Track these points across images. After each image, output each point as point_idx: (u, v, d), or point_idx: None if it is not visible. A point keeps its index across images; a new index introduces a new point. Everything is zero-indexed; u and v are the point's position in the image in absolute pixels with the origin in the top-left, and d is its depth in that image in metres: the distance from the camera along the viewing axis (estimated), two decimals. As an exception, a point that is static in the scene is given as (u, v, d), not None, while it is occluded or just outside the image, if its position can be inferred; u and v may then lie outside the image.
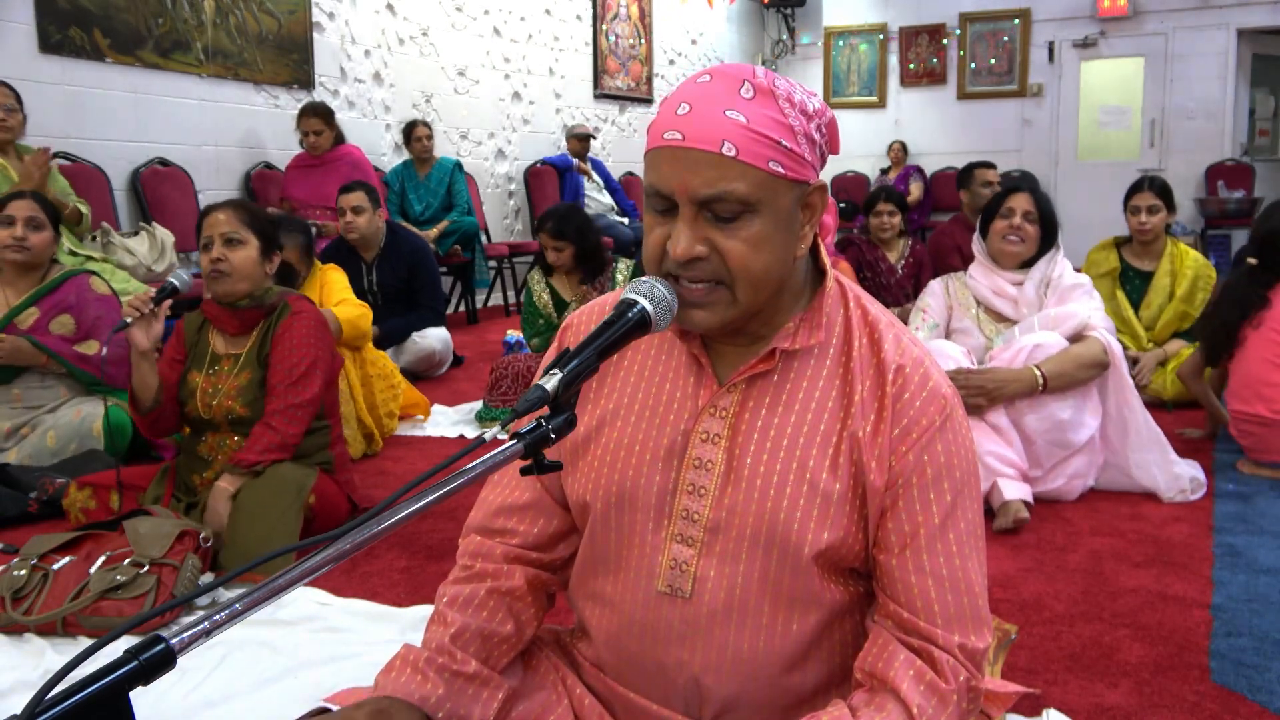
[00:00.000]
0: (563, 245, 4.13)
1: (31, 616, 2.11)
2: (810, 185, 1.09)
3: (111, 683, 0.74)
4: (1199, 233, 9.41)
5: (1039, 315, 3.06)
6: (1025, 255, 3.12)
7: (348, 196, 4.67)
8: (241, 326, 2.69)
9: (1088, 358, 2.91)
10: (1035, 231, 3.10)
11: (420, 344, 4.90)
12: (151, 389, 2.60)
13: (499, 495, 1.30)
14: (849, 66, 11.07)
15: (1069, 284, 3.09)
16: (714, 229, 1.06)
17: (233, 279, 2.61)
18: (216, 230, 2.61)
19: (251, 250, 2.63)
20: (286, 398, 2.60)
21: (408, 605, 2.27)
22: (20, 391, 3.27)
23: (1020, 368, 2.89)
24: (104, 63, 4.98)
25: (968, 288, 3.26)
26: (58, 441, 3.16)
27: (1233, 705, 1.80)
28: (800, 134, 1.06)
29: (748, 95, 1.05)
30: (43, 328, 3.26)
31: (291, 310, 2.71)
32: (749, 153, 1.03)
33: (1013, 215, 3.11)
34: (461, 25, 7.45)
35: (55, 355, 3.22)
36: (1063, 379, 2.88)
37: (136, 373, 2.58)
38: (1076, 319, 3.00)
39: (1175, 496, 2.97)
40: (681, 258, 1.06)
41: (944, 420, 1.12)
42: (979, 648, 1.10)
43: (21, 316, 3.26)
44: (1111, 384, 2.96)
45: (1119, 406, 2.97)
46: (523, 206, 8.10)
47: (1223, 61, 9.59)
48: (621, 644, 1.21)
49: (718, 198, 1.04)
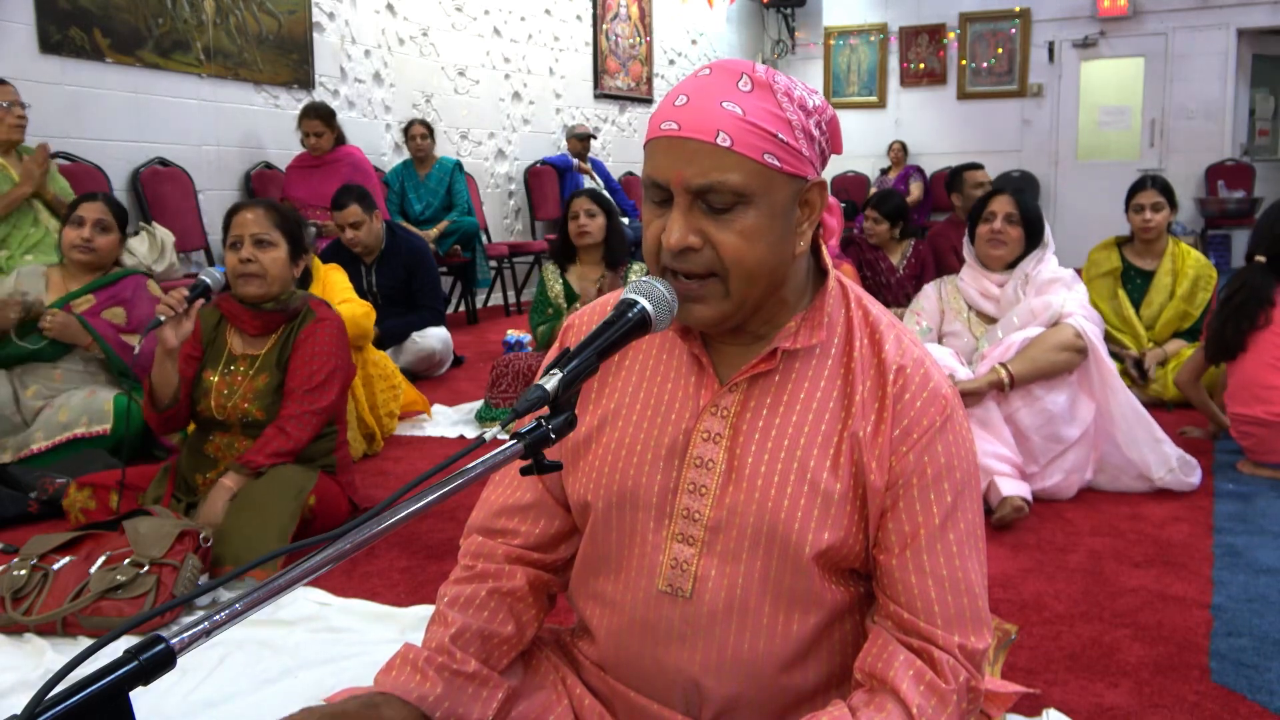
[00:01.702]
0: (596, 211, 4.19)
1: (31, 616, 2.11)
2: (808, 181, 1.09)
3: (111, 683, 0.74)
4: (1199, 233, 9.41)
5: (1016, 310, 3.10)
6: (1009, 257, 3.16)
7: (343, 213, 4.63)
8: (262, 328, 2.67)
9: (1056, 342, 2.92)
10: (1017, 233, 3.14)
11: (420, 344, 4.90)
12: (171, 386, 2.60)
13: (500, 496, 1.30)
14: (849, 66, 11.08)
15: (1046, 278, 3.12)
16: (708, 220, 1.06)
17: (264, 280, 2.60)
18: (246, 230, 2.60)
19: (281, 252, 2.62)
20: (303, 404, 2.60)
21: (408, 605, 2.27)
22: (62, 373, 3.32)
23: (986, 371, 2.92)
24: (104, 63, 4.98)
25: (959, 291, 3.28)
26: (69, 415, 3.19)
27: (1233, 705, 1.80)
28: (798, 129, 1.06)
29: (745, 88, 1.05)
30: (95, 314, 3.34)
31: (316, 316, 2.69)
32: (744, 144, 1.03)
33: (994, 219, 3.15)
34: (461, 25, 7.46)
35: (98, 337, 3.27)
36: (1036, 366, 2.90)
37: (159, 370, 2.57)
38: (1051, 309, 3.03)
39: (1166, 476, 2.98)
40: (674, 247, 1.06)
41: (944, 421, 1.12)
42: (979, 648, 1.10)
43: (78, 301, 3.34)
44: (1093, 370, 2.98)
45: (1102, 390, 2.99)
46: (523, 206, 8.10)
47: (1223, 61, 9.59)
48: (622, 643, 1.21)
49: (711, 188, 1.04)
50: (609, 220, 4.21)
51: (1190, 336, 4.22)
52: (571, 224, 4.19)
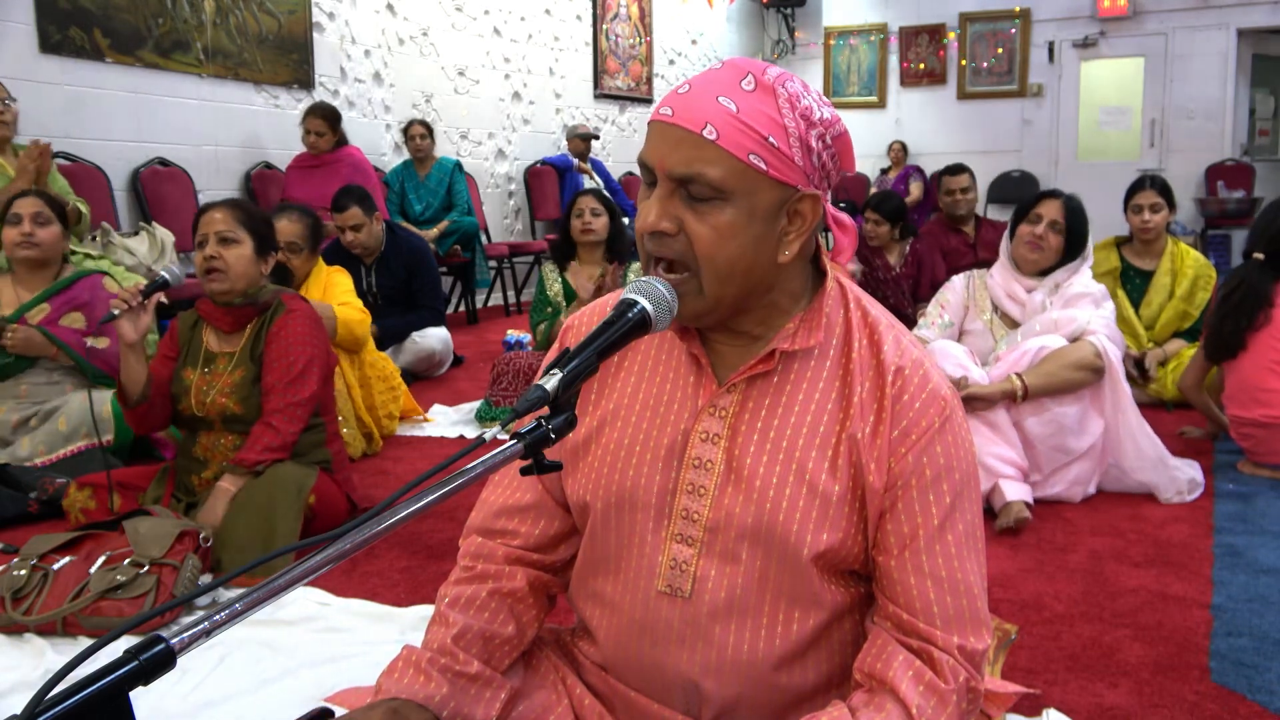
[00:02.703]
0: (601, 211, 4.21)
1: (31, 616, 2.11)
2: (799, 192, 1.07)
3: (111, 683, 0.74)
4: (1199, 233, 9.40)
5: (1040, 318, 3.05)
6: (1043, 264, 3.09)
7: (343, 216, 4.62)
8: (235, 324, 2.69)
9: (1075, 359, 2.88)
10: (1058, 242, 3.06)
11: (420, 344, 4.90)
12: (139, 383, 2.60)
13: (500, 496, 1.30)
14: (849, 66, 11.07)
15: (1076, 292, 3.06)
16: (687, 209, 1.06)
17: (227, 277, 2.61)
18: (211, 229, 2.62)
19: (245, 249, 2.64)
20: (285, 396, 2.60)
21: (408, 605, 2.27)
22: (27, 387, 3.28)
23: (1001, 378, 2.89)
24: (104, 63, 4.98)
25: (987, 288, 3.23)
26: (69, 424, 3.17)
27: (1233, 705, 1.80)
28: (794, 136, 1.05)
29: (748, 87, 1.05)
30: (53, 323, 3.28)
31: (286, 309, 2.71)
32: (729, 140, 1.03)
33: (1039, 222, 3.06)
34: (461, 25, 7.45)
35: (65, 347, 3.23)
36: (1051, 381, 2.86)
37: (124, 365, 2.58)
38: (1075, 323, 2.98)
39: (1173, 498, 2.96)
40: (647, 229, 1.07)
41: (943, 422, 1.12)
42: (978, 649, 1.10)
43: (32, 312, 3.28)
44: (1107, 392, 2.93)
45: (1113, 412, 2.94)
46: (523, 206, 8.10)
47: (1223, 61, 9.59)
48: (622, 643, 1.21)
49: (691, 178, 1.04)
50: (612, 220, 4.22)
51: (1190, 336, 4.22)
52: (576, 221, 4.20)
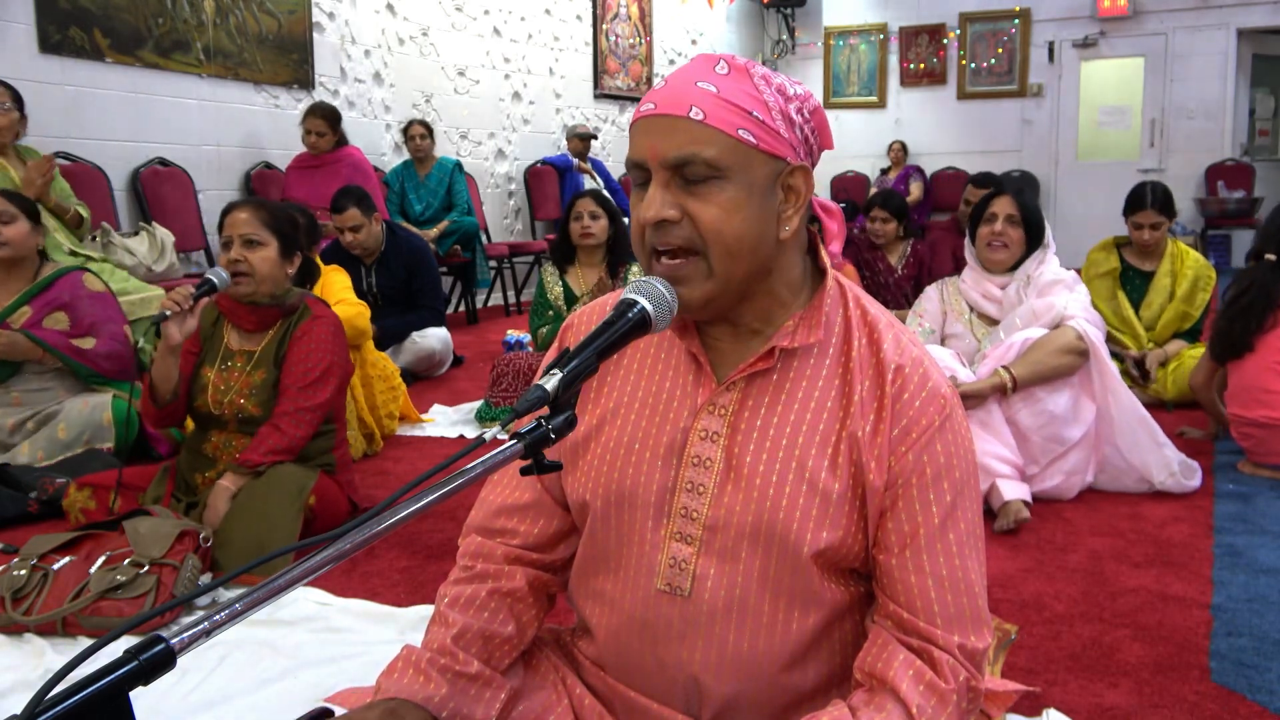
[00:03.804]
0: (599, 213, 4.17)
1: (31, 616, 2.11)
2: (789, 164, 1.10)
3: (111, 683, 0.74)
4: (1199, 233, 9.41)
5: (1019, 311, 3.09)
6: (1010, 260, 3.15)
7: (342, 217, 4.63)
8: (258, 324, 2.68)
9: (1059, 344, 2.91)
10: (1018, 235, 3.12)
11: (420, 344, 4.90)
12: (172, 382, 2.60)
13: (499, 496, 1.30)
14: (849, 66, 11.07)
15: (1049, 280, 3.11)
16: (686, 194, 1.07)
17: (252, 280, 2.60)
18: (236, 231, 2.60)
19: (270, 251, 2.62)
20: (298, 400, 2.60)
21: (408, 605, 2.27)
22: (18, 394, 3.26)
23: (988, 374, 2.91)
24: (104, 63, 4.98)
25: (961, 293, 3.28)
26: (69, 433, 3.16)
27: (1233, 705, 1.80)
28: (775, 110, 1.08)
29: (722, 71, 1.09)
30: (36, 325, 3.25)
31: (312, 314, 2.70)
32: (717, 118, 1.05)
33: (994, 221, 3.14)
34: (461, 25, 7.45)
35: (51, 349, 3.19)
36: (1038, 370, 2.89)
37: (160, 365, 2.57)
38: (1054, 310, 3.02)
39: (1166, 480, 2.97)
40: (650, 220, 1.07)
41: (943, 420, 1.12)
42: (979, 648, 1.10)
43: (14, 316, 3.23)
44: (1094, 372, 2.97)
45: (1103, 393, 2.98)
46: (523, 206, 8.10)
47: (1223, 61, 9.59)
48: (621, 642, 1.21)
49: (686, 160, 1.05)
50: (612, 223, 4.19)
51: (1190, 337, 4.22)
52: (574, 225, 4.15)
